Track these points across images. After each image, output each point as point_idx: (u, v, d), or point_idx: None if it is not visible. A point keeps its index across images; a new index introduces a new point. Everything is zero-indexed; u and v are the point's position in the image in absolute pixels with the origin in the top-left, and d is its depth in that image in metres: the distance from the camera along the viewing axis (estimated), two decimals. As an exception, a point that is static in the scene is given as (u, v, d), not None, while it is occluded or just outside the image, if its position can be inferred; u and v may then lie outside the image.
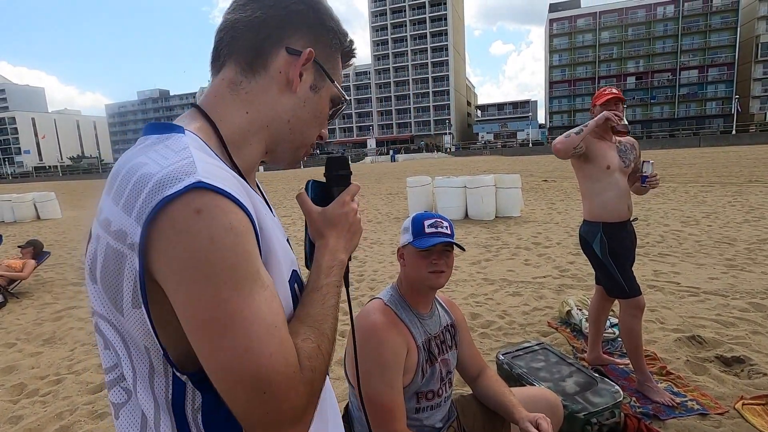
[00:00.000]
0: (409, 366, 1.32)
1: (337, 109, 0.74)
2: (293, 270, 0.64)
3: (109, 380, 0.59)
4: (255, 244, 0.53)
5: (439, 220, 1.38)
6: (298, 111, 0.68)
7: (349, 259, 0.74)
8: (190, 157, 0.51)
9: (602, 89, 2.53)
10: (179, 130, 0.57)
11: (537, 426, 1.27)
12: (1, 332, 4.10)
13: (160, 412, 0.55)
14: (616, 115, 2.42)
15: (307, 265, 0.73)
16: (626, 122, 2.48)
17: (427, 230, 1.36)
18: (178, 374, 0.55)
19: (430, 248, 1.36)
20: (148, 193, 0.48)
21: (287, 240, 0.72)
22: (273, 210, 0.73)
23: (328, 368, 0.60)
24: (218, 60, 0.66)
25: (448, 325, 1.50)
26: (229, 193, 0.50)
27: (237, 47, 0.64)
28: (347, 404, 1.49)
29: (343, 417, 1.48)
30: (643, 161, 2.52)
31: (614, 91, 2.47)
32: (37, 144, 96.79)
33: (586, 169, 2.52)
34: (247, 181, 0.63)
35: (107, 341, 0.57)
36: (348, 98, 0.75)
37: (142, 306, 0.50)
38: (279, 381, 0.50)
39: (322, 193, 0.75)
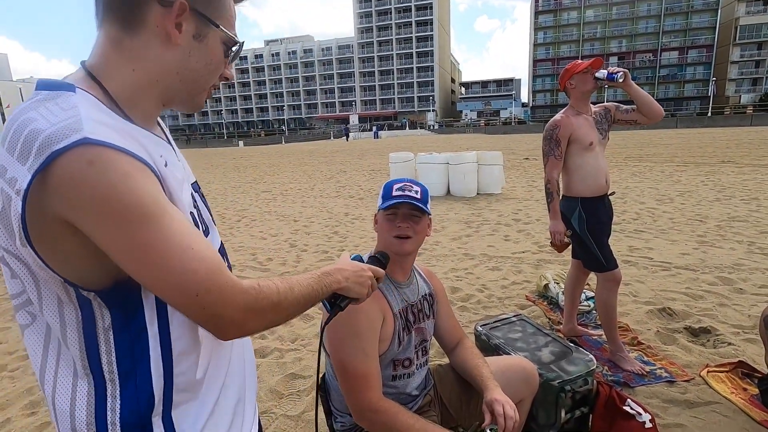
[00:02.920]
0: (385, 335, 1.30)
1: (233, 52, 0.74)
2: (190, 212, 0.71)
3: (15, 304, 0.67)
4: (155, 184, 0.59)
5: (408, 183, 1.33)
6: (186, 62, 0.68)
7: (340, 305, 0.90)
8: (78, 115, 0.55)
9: (572, 63, 2.50)
10: (70, 88, 0.59)
11: (503, 410, 1.23)
12: (-35, 307, 3.95)
13: (67, 332, 0.63)
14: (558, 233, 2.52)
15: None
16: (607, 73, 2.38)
17: (394, 193, 1.31)
18: (83, 293, 0.61)
19: (394, 211, 1.32)
20: (39, 146, 0.52)
21: (195, 183, 0.80)
22: (178, 152, 0.79)
23: (283, 310, 0.69)
24: (98, 15, 0.65)
25: (426, 295, 1.48)
26: (118, 145, 0.55)
27: (110, 2, 0.63)
28: (324, 374, 1.47)
29: (320, 386, 1.47)
30: (594, 77, 2.41)
31: (582, 62, 2.46)
32: (2, 114, 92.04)
33: (569, 148, 2.49)
34: (150, 130, 0.68)
35: (13, 271, 0.62)
36: (240, 40, 0.74)
37: (28, 245, 0.56)
38: (208, 287, 0.59)
39: (361, 261, 1.02)
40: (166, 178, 0.63)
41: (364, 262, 1.00)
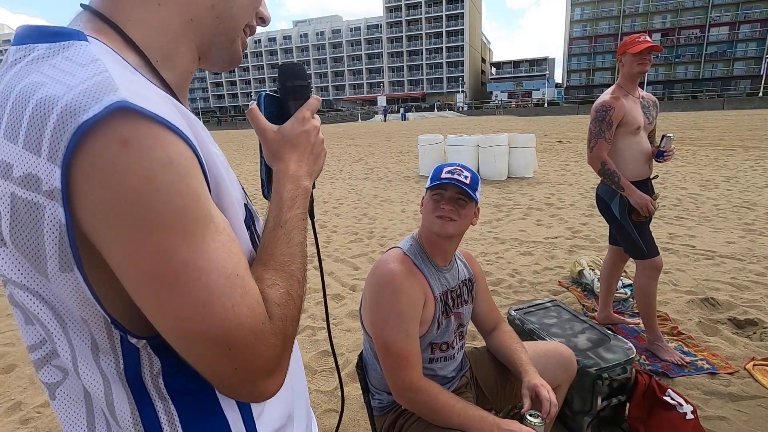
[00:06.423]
0: (425, 317, 1.31)
1: None
2: (244, 204, 0.57)
3: (36, 359, 0.49)
4: (202, 181, 0.43)
5: (459, 168, 1.31)
6: None
7: (313, 186, 0.64)
8: (106, 71, 0.38)
9: (634, 36, 2.35)
10: (79, 36, 0.42)
11: (538, 394, 1.25)
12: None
13: (112, 388, 0.47)
14: (649, 204, 2.32)
15: (265, 194, 0.63)
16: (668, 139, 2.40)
17: (443, 175, 1.30)
18: (132, 341, 0.46)
19: (440, 192, 1.31)
20: (57, 122, 0.36)
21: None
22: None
23: (300, 313, 0.53)
24: None
25: (466, 280, 1.47)
26: (164, 119, 0.39)
27: None
28: (361, 352, 1.50)
29: (357, 364, 1.50)
30: (663, 135, 2.40)
31: (649, 39, 2.30)
32: None
33: (616, 131, 2.39)
34: (181, 102, 0.50)
35: (30, 315, 0.46)
36: None
37: (76, 268, 0.40)
38: (245, 335, 0.43)
39: (278, 109, 0.63)
40: (210, 162, 0.47)
41: (280, 97, 0.64)
